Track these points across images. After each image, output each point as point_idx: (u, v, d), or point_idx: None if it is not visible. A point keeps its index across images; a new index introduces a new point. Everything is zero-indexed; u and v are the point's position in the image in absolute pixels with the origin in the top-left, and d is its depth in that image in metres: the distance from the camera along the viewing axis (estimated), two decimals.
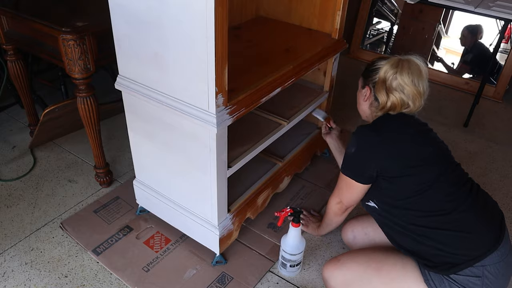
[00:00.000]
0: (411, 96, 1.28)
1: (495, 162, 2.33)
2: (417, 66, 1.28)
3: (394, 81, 1.27)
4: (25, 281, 1.56)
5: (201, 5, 1.08)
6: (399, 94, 1.28)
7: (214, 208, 1.48)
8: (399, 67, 1.28)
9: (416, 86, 1.27)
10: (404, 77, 1.26)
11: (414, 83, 1.27)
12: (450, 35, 3.40)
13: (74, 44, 1.54)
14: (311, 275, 1.64)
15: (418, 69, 1.28)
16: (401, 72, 1.27)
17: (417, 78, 1.27)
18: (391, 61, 1.30)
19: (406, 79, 1.26)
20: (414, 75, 1.27)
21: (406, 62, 1.28)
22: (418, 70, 1.28)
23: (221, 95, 1.24)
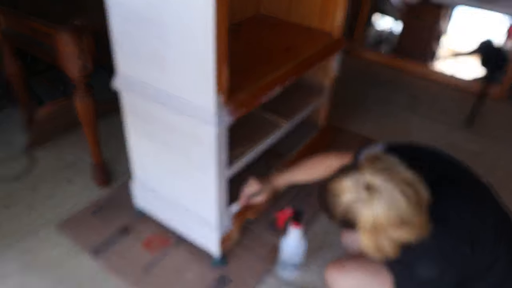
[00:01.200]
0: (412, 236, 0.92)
1: (499, 161, 2.31)
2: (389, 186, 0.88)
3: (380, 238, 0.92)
4: (23, 282, 1.55)
5: (201, 2, 1.07)
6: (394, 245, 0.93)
7: (214, 209, 1.46)
8: (374, 210, 0.89)
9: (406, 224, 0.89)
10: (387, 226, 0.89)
11: (403, 222, 0.89)
12: (452, 33, 3.38)
13: (72, 43, 1.52)
14: (311, 277, 1.62)
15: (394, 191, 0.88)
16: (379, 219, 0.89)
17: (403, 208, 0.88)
18: (362, 206, 0.90)
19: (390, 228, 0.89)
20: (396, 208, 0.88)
21: (371, 195, 0.89)
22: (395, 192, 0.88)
23: (221, 94, 1.22)
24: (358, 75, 3.18)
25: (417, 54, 3.27)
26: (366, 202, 0.88)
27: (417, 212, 0.89)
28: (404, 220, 0.88)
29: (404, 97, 2.90)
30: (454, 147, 2.38)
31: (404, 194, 0.87)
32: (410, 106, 2.79)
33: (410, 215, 0.88)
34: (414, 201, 0.88)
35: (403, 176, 0.89)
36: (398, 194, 0.87)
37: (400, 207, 0.87)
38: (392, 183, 0.88)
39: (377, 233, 0.90)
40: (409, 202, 0.87)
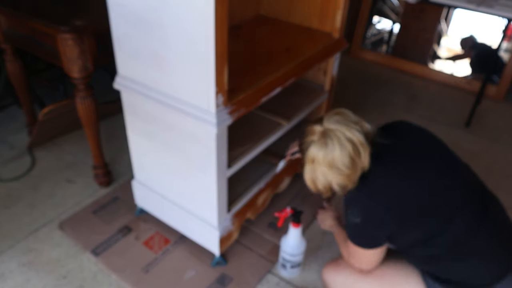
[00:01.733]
0: (337, 181, 1.11)
1: (496, 162, 2.32)
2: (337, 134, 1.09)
3: (316, 170, 1.13)
4: (24, 282, 1.55)
5: (201, 4, 1.07)
6: (324, 181, 1.13)
7: (214, 208, 1.47)
8: (317, 149, 1.11)
9: (337, 169, 1.09)
10: (321, 162, 1.11)
11: (333, 165, 1.09)
12: (451, 34, 3.39)
13: (73, 43, 1.53)
14: (312, 276, 1.63)
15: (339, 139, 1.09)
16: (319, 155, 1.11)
17: (338, 155, 1.08)
18: (313, 143, 1.12)
19: (323, 164, 1.10)
20: (334, 153, 1.08)
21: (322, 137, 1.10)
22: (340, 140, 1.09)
23: (221, 94, 1.23)
24: (357, 75, 3.19)
25: (416, 54, 3.28)
26: (316, 143, 1.11)
27: (350, 166, 1.09)
28: (334, 165, 1.09)
29: (403, 97, 2.91)
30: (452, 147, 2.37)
31: (344, 148, 1.08)
32: (409, 106, 2.80)
33: (342, 165, 1.08)
34: (350, 157, 1.08)
35: (352, 135, 1.09)
36: (338, 145, 1.08)
37: (336, 155, 1.08)
38: (339, 136, 1.09)
39: (314, 167, 1.12)
40: (344, 155, 1.08)
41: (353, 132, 1.09)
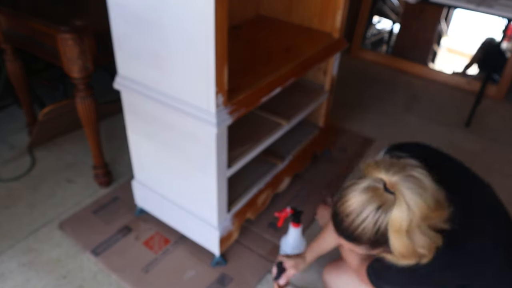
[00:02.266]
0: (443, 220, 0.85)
1: (497, 162, 2.32)
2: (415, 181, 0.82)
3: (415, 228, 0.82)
4: (24, 282, 1.55)
5: (201, 4, 1.07)
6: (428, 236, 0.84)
7: (214, 208, 1.47)
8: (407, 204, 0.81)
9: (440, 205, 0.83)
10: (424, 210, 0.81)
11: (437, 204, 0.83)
12: (451, 34, 3.39)
13: (73, 43, 1.53)
14: (311, 276, 1.63)
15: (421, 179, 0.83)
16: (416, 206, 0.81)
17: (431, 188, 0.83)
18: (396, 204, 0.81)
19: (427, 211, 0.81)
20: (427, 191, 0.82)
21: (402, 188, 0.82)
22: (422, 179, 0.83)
23: (221, 94, 1.23)
24: (357, 75, 3.19)
25: (416, 55, 3.28)
26: (394, 203, 0.80)
27: (439, 206, 0.82)
28: (431, 207, 0.80)
29: (403, 97, 2.91)
30: (452, 147, 2.38)
31: (424, 199, 0.80)
32: (409, 106, 2.80)
33: (436, 204, 0.81)
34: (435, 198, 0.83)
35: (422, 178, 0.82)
36: (419, 198, 0.80)
37: (426, 196, 0.80)
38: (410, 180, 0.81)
39: (412, 230, 0.81)
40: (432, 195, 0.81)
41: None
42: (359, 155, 2.29)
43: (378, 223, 0.82)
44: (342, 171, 2.16)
